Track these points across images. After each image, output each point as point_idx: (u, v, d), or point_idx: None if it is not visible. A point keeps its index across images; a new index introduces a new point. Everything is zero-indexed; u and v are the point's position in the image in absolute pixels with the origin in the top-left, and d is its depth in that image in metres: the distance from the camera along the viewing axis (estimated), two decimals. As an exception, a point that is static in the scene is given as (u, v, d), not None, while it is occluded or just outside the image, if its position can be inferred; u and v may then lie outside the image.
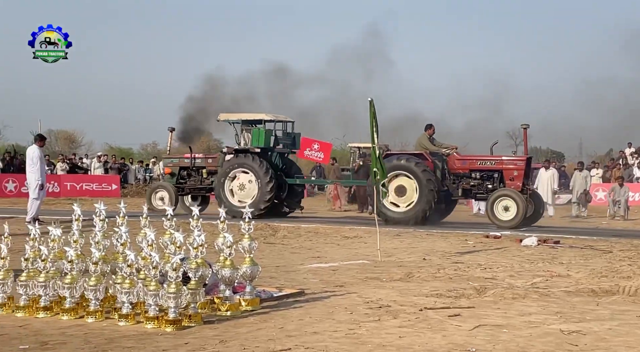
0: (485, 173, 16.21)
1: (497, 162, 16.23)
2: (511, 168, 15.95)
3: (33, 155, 14.73)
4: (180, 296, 5.81)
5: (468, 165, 16.35)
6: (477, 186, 16.17)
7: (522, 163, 15.96)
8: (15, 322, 6.00)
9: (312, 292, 7.40)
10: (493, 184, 16.01)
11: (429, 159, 16.08)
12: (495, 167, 16.13)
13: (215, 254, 6.85)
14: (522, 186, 15.73)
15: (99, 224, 6.93)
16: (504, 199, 15.47)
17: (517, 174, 15.81)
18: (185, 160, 19.14)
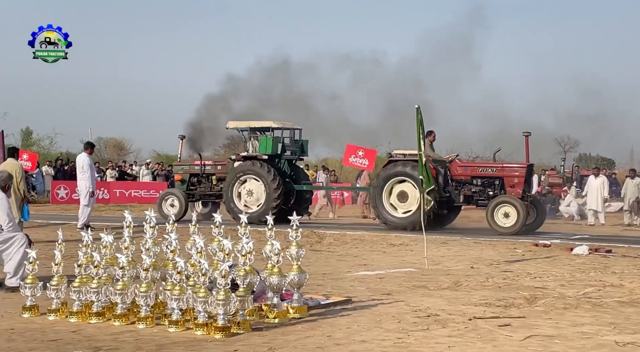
0: (487, 180, 16.34)
1: (498, 169, 16.39)
2: (512, 175, 16.11)
3: (83, 163, 15.03)
4: (229, 303, 5.85)
5: (470, 172, 16.54)
6: (479, 193, 16.26)
7: (522, 170, 16.05)
8: (68, 327, 6.12)
9: (360, 300, 7.38)
10: (494, 191, 16.13)
11: (430, 166, 15.99)
12: (497, 174, 16.27)
13: (262, 261, 6.89)
14: (522, 192, 15.82)
15: (149, 231, 7.03)
16: (504, 206, 15.53)
17: (518, 181, 15.94)
18: (195, 167, 19.48)
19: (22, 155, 21.06)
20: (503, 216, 15.53)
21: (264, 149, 18.06)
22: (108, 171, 30.25)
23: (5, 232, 7.89)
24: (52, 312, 6.50)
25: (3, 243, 7.84)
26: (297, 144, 19.10)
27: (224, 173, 18.90)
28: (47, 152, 40.58)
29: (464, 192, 16.29)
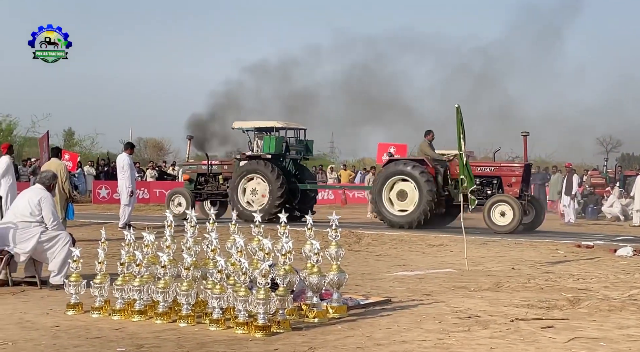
0: (485, 179, 16.52)
1: (496, 169, 16.61)
2: (509, 174, 16.31)
3: (123, 163, 15.23)
4: (269, 302, 5.86)
5: None
6: (477, 192, 16.15)
7: (520, 169, 16.28)
8: (111, 324, 6.20)
9: (399, 300, 7.34)
10: (492, 190, 16.32)
11: (429, 165, 16.39)
12: (495, 173, 16.48)
13: (301, 261, 6.90)
14: (520, 192, 15.98)
15: (190, 230, 7.10)
16: (501, 205, 15.68)
17: (515, 180, 16.15)
18: (203, 166, 19.81)
19: (63, 155, 21.40)
20: (500, 214, 15.67)
21: (267, 149, 18.34)
22: (148, 171, 30.60)
23: (50, 230, 8.03)
24: (95, 310, 6.59)
25: (48, 241, 7.98)
26: (302, 143, 19.37)
27: (230, 173, 19.15)
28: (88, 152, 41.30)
29: (462, 191, 16.37)
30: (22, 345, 5.37)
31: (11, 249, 7.87)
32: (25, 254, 7.92)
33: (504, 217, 15.61)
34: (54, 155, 13.58)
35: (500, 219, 15.59)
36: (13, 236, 7.89)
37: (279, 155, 18.59)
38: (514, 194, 15.92)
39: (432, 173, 16.38)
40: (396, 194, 16.68)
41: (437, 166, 16.59)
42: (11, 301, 7.24)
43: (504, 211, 15.64)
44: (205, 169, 19.68)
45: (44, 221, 8.02)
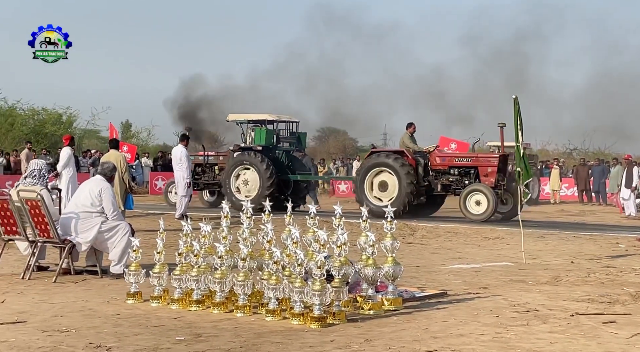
0: (463, 169, 16.97)
1: (473, 159, 17.08)
2: (486, 165, 16.76)
3: (181, 155, 15.43)
4: (324, 293, 5.88)
5: (447, 162, 17.23)
6: (456, 182, 16.89)
7: (496, 160, 16.70)
8: (170, 314, 6.31)
9: (455, 293, 7.27)
10: (469, 180, 16.72)
11: (409, 156, 16.79)
12: (472, 164, 16.91)
13: (354, 253, 6.88)
14: (496, 181, 16.42)
15: (246, 221, 7.16)
16: (476, 194, 16.15)
17: (491, 170, 16.57)
18: (200, 157, 20.47)
19: (122, 147, 21.85)
20: (475, 203, 16.10)
21: (258, 140, 18.95)
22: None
23: (110, 220, 8.21)
24: (154, 299, 6.72)
25: (108, 231, 8.16)
26: (294, 136, 20.08)
27: (225, 163, 19.74)
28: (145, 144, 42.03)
29: (441, 181, 16.98)
30: (85, 332, 5.51)
31: (73, 239, 8.07)
32: (87, 243, 8.11)
33: (479, 206, 16.03)
34: (112, 147, 13.88)
35: (476, 208, 16.02)
36: (75, 226, 8.09)
37: (270, 146, 19.20)
38: (489, 184, 16.33)
39: (412, 164, 16.75)
40: (378, 184, 17.11)
41: (418, 158, 17.01)
42: (73, 289, 7.44)
43: (479, 200, 16.07)
44: (202, 160, 20.41)
45: (104, 211, 8.21)
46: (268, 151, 19.07)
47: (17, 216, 8.06)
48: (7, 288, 7.38)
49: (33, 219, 7.96)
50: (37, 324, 5.76)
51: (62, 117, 36.93)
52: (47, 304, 6.58)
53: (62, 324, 5.74)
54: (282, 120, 20.07)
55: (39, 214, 7.90)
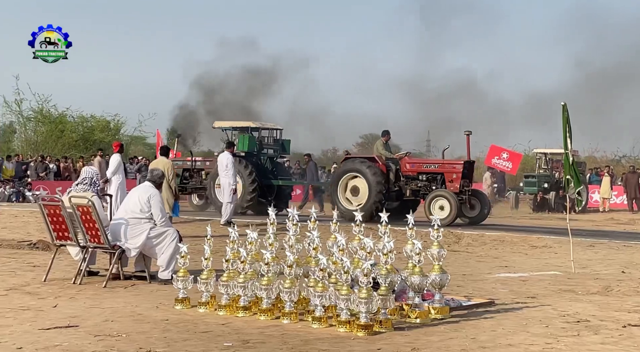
0: (430, 175, 17.68)
1: (439, 166, 17.81)
2: (451, 171, 17.39)
3: (227, 162, 15.58)
4: (371, 301, 5.86)
5: (416, 168, 18.02)
6: (424, 187, 17.57)
7: (460, 167, 17.36)
8: (217, 320, 6.37)
9: (503, 302, 7.18)
10: (436, 186, 17.42)
11: (379, 162, 17.48)
12: (438, 170, 17.64)
13: (400, 261, 6.85)
14: (460, 187, 17.01)
15: (292, 229, 7.19)
16: (440, 199, 16.86)
17: (456, 176, 17.20)
18: (187, 163, 21.57)
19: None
20: (439, 208, 16.71)
21: (242, 146, 19.80)
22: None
23: (159, 226, 8.33)
24: (202, 305, 6.79)
25: (156, 237, 8.28)
26: (278, 143, 21.10)
27: (212, 168, 20.18)
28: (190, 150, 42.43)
29: (411, 186, 17.72)
30: (135, 337, 5.60)
31: (123, 244, 8.21)
32: (136, 249, 8.24)
33: (442, 210, 16.57)
34: (162, 154, 14.09)
35: (440, 212, 16.41)
36: (124, 232, 8.23)
37: (254, 152, 20.08)
38: (454, 190, 16.98)
39: (383, 170, 17.41)
40: (350, 189, 17.78)
41: (389, 164, 17.66)
42: (123, 295, 7.56)
43: (442, 205, 16.74)
44: (189, 165, 21.39)
45: (153, 217, 8.33)
46: (251, 157, 19.92)
47: (69, 222, 8.24)
48: (60, 293, 7.54)
49: (84, 225, 8.13)
50: (88, 328, 5.87)
51: (110, 124, 37.61)
52: (98, 309, 6.70)
53: (113, 329, 5.84)
54: (265, 127, 21.17)
55: (90, 220, 8.06)
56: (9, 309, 6.61)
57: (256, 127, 20.84)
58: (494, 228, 16.39)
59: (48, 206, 8.40)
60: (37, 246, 11.45)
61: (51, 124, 35.01)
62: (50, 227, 8.44)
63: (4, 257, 10.26)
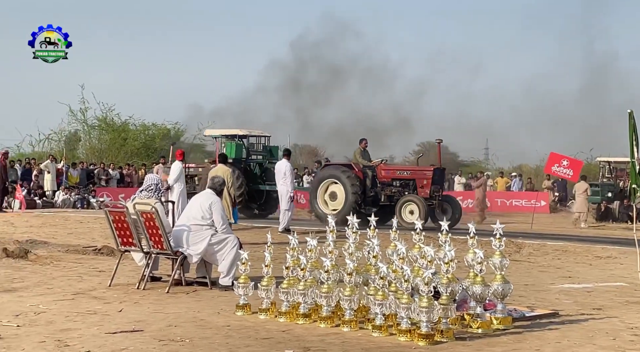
0: (403, 181, 18.54)
1: (411, 172, 18.79)
2: (421, 177, 18.26)
3: (285, 169, 15.70)
4: (432, 310, 5.82)
5: (390, 174, 18.78)
6: (397, 193, 18.26)
7: (430, 173, 18.27)
8: (278, 326, 6.41)
9: (567, 314, 7.03)
10: (408, 191, 18.24)
11: (356, 169, 18.15)
12: (410, 177, 18.53)
13: (460, 270, 6.77)
14: (431, 192, 17.85)
15: (352, 236, 7.20)
16: (409, 204, 17.62)
17: (426, 182, 18.04)
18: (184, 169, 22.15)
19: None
20: (409, 212, 17.45)
21: (230, 153, 20.45)
22: (304, 177, 31.39)
23: (220, 233, 8.45)
24: (262, 312, 6.85)
25: (217, 244, 8.39)
26: (266, 149, 22.20)
27: (202, 175, 20.84)
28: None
29: (386, 192, 18.29)
30: (198, 342, 5.68)
31: (185, 251, 8.35)
32: (197, 255, 8.37)
33: (412, 214, 17.18)
34: (221, 161, 14.29)
35: (410, 217, 17.03)
36: (186, 238, 8.37)
37: (242, 159, 21.02)
38: (424, 195, 17.80)
39: (359, 176, 18.06)
40: (328, 195, 18.52)
41: (366, 170, 18.27)
42: (185, 300, 7.69)
43: (412, 210, 17.48)
44: (184, 172, 22.20)
45: (214, 224, 8.45)
46: (239, 163, 20.76)
47: (133, 228, 8.43)
48: (124, 297, 7.72)
49: (148, 231, 8.30)
50: (153, 333, 5.99)
51: (170, 132, 38.31)
52: (162, 314, 6.83)
53: (177, 334, 5.94)
54: (252, 135, 22.26)
55: (154, 226, 8.22)
56: (76, 313, 6.80)
57: (244, 135, 21.92)
58: (556, 238, 16.06)
59: (113, 212, 8.61)
60: (102, 252, 11.75)
61: (114, 132, 35.88)
62: (115, 233, 8.65)
63: (71, 262, 10.56)
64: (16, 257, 10.72)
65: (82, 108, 35.87)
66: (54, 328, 6.11)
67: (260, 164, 21.85)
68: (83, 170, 27.65)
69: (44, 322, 6.36)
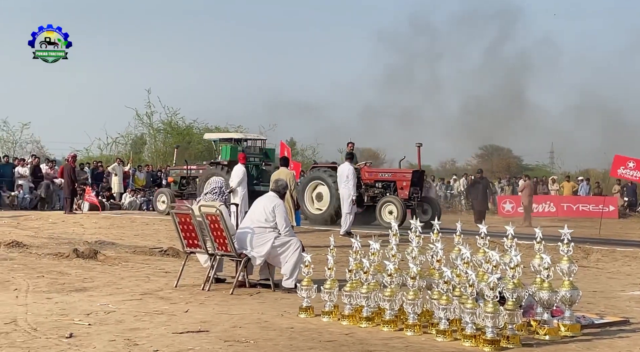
0: (385, 183, 19.60)
1: (392, 175, 19.77)
2: (401, 179, 19.33)
3: (348, 172, 15.72)
4: (498, 315, 5.74)
5: (373, 176, 19.85)
6: (379, 194, 19.29)
7: (409, 175, 19.36)
8: (341, 329, 6.42)
9: (638, 321, 6.81)
10: (389, 192, 19.31)
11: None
12: (391, 179, 19.63)
13: (525, 275, 6.64)
14: (410, 194, 18.98)
15: (415, 240, 7.16)
16: (389, 205, 18.56)
17: (406, 184, 19.13)
18: (184, 171, 23.46)
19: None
20: (388, 212, 18.38)
21: (224, 156, 21.76)
22: (365, 181, 31.38)
23: (283, 236, 8.52)
24: (325, 314, 6.87)
25: (280, 246, 8.46)
26: (262, 151, 23.26)
27: (204, 176, 22.05)
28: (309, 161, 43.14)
29: (369, 193, 19.40)
30: (262, 344, 5.74)
31: (248, 253, 8.45)
32: (261, 257, 8.46)
33: (391, 215, 18.11)
34: (282, 165, 14.42)
35: (389, 217, 17.90)
36: (250, 241, 8.48)
37: (235, 161, 21.10)
38: (404, 196, 18.93)
39: None
40: (315, 195, 19.85)
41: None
42: (249, 302, 7.77)
43: (391, 210, 18.40)
44: (186, 173, 23.43)
45: (277, 227, 8.53)
46: (234, 165, 21.38)
47: (199, 230, 8.57)
48: (190, 298, 7.86)
49: (213, 233, 8.43)
50: (218, 333, 6.08)
51: (233, 136, 38.81)
52: (226, 315, 6.92)
53: (242, 335, 6.02)
54: (247, 138, 23.52)
55: (218, 229, 8.35)
56: (144, 312, 6.96)
57: (239, 138, 23.14)
58: (625, 244, 15.60)
59: (179, 215, 8.78)
60: (168, 253, 12.00)
61: (179, 135, 36.62)
62: (181, 235, 8.82)
63: (138, 263, 10.82)
64: (86, 257, 11.06)
65: (148, 112, 36.79)
66: (123, 327, 6.27)
67: (257, 166, 22.81)
68: (149, 173, 28.30)
69: (113, 321, 6.53)
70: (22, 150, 34.68)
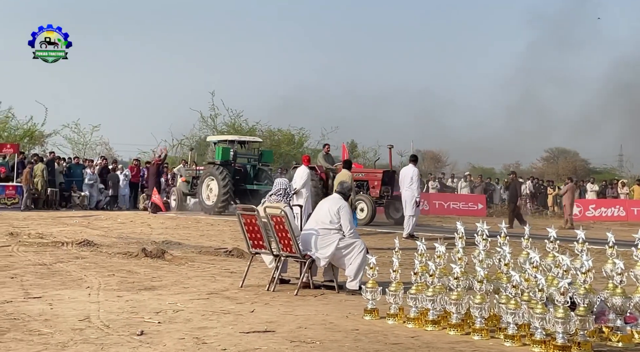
0: (359, 182, 20.29)
1: (365, 174, 20.96)
2: (373, 179, 20.58)
3: (412, 175, 15.61)
4: (568, 321, 5.60)
5: None
6: (355, 193, 18.99)
7: (380, 175, 20.59)
8: (406, 332, 6.38)
9: None
10: (362, 191, 20.29)
11: (318, 171, 20.07)
12: (364, 178, 20.74)
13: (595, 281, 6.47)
14: (380, 192, 20.23)
15: (482, 243, 7.07)
16: (360, 203, 19.62)
17: (377, 183, 20.39)
18: (195, 171, 24.83)
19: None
20: (360, 210, 19.43)
21: (218, 156, 22.87)
22: (430, 183, 31.15)
23: (347, 238, 8.52)
24: (390, 317, 6.84)
25: (345, 248, 8.47)
26: (257, 153, 24.58)
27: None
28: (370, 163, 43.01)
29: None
30: (328, 345, 5.76)
31: (313, 254, 8.49)
32: (325, 259, 8.49)
33: (362, 212, 19.43)
34: (345, 167, 14.44)
35: (360, 214, 19.26)
36: (315, 242, 8.51)
37: (230, 161, 23.06)
38: (375, 195, 20.16)
39: (322, 178, 20.06)
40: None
41: (328, 172, 20.23)
42: (313, 303, 7.81)
43: (362, 207, 19.60)
44: (195, 174, 24.69)
45: (341, 228, 8.54)
46: (227, 165, 22.90)
47: (264, 231, 8.66)
48: (256, 298, 7.94)
49: (277, 234, 8.50)
50: (284, 334, 6.12)
51: (295, 138, 39.07)
52: (292, 316, 6.97)
53: (307, 336, 6.05)
54: (241, 140, 25.01)
55: (283, 230, 8.42)
56: (211, 312, 7.07)
57: (233, 140, 24.56)
58: None
59: (245, 216, 8.89)
60: (233, 254, 12.16)
61: (241, 137, 37.04)
62: (246, 236, 8.92)
63: (204, 263, 11.00)
64: (154, 257, 11.31)
65: (212, 114, 37.34)
66: (192, 326, 6.38)
67: (254, 166, 24.02)
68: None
69: (182, 319, 6.66)
70: (91, 152, 35.72)
